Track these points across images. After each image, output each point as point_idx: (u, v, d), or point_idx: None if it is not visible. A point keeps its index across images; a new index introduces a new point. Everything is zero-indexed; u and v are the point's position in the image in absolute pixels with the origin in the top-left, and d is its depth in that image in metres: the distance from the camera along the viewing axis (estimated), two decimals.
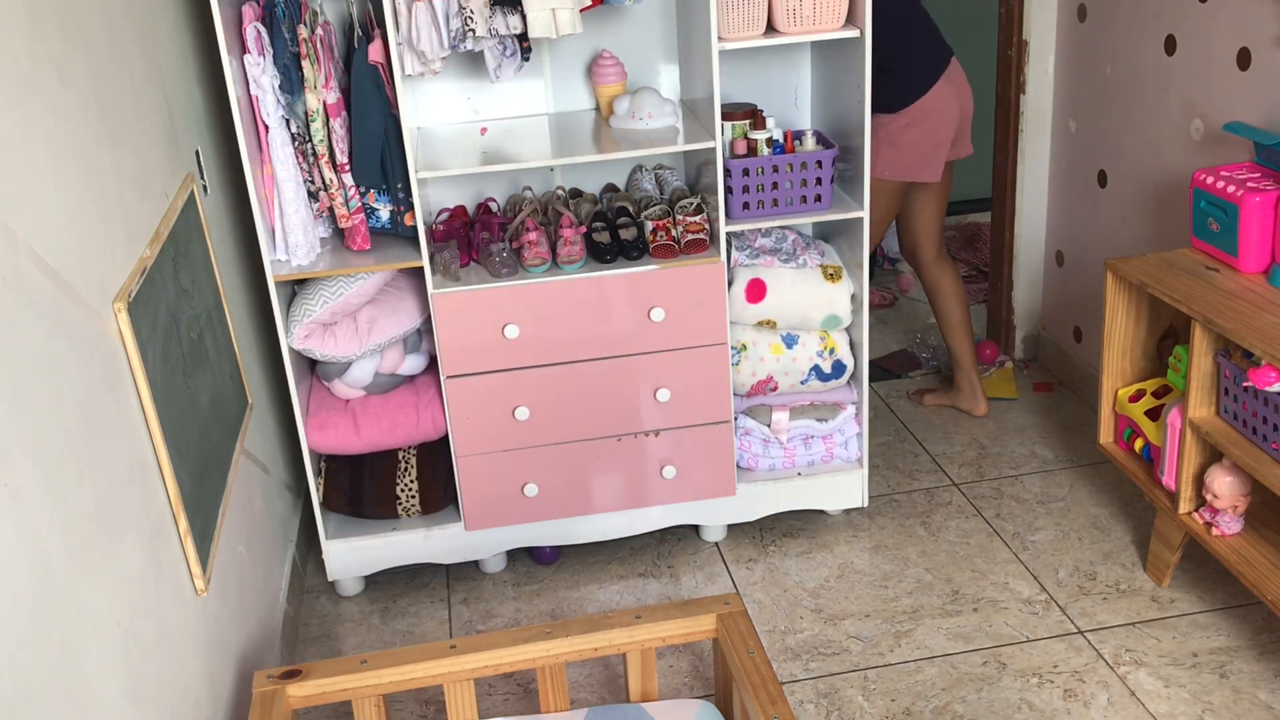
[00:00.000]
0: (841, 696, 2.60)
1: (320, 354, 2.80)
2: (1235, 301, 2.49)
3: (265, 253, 2.68)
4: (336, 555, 2.97)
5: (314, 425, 2.88)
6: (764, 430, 3.08)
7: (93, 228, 1.82)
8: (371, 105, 2.66)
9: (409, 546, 2.99)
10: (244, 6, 2.55)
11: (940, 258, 3.60)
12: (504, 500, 2.96)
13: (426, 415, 2.90)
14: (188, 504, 2.04)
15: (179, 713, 1.92)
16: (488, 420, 2.88)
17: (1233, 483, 2.55)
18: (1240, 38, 2.80)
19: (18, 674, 1.36)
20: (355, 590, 3.06)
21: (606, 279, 2.81)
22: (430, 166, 2.74)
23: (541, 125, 3.06)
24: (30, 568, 1.43)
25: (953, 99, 3.27)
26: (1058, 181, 3.75)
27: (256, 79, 2.54)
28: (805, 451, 3.12)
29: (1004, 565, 3.00)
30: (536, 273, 2.80)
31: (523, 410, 2.86)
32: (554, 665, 2.30)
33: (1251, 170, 2.63)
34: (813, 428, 3.09)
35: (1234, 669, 2.59)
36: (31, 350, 1.52)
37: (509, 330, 2.79)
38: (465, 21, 2.62)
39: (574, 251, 2.81)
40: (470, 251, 2.90)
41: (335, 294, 2.77)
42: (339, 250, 2.82)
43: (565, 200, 3.05)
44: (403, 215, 2.74)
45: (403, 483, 2.97)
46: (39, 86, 1.67)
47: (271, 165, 2.63)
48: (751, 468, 3.12)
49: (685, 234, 2.85)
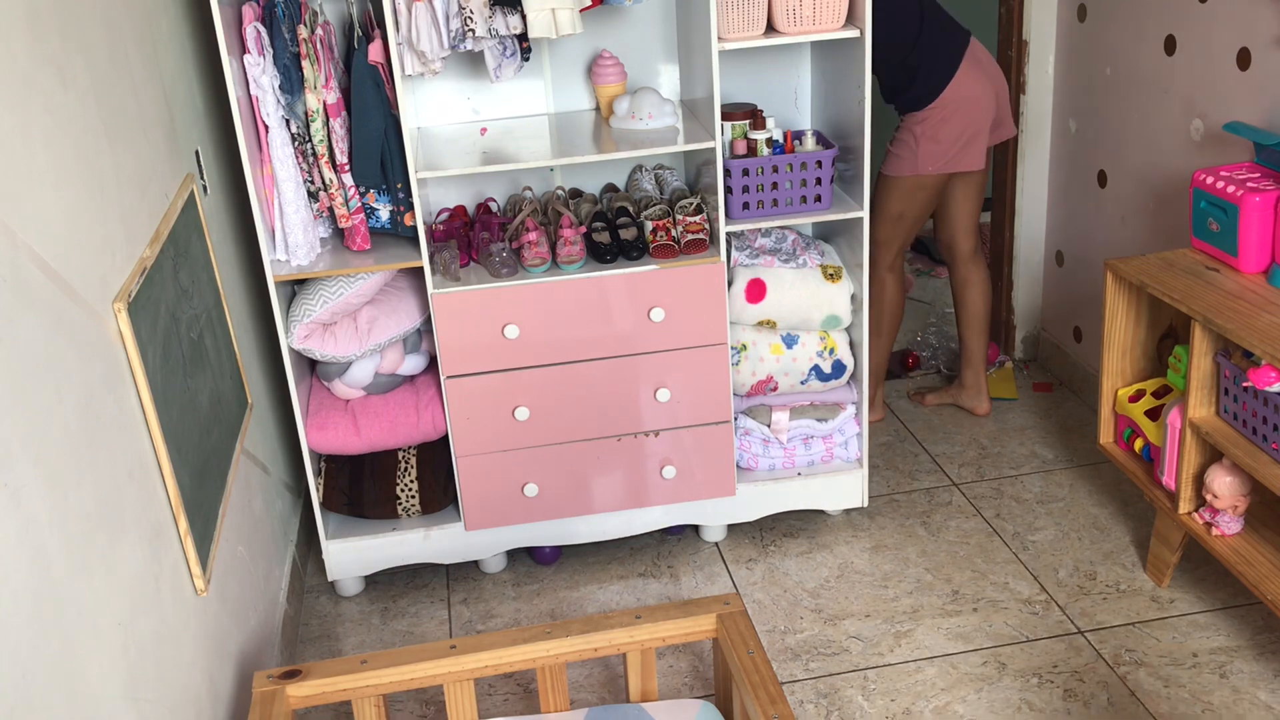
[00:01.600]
0: (841, 696, 2.60)
1: (320, 354, 2.79)
2: (1235, 301, 2.49)
3: (265, 253, 2.67)
4: (336, 555, 2.97)
5: (314, 425, 2.87)
6: (764, 430, 3.08)
7: (93, 228, 1.82)
8: (371, 105, 2.66)
9: (409, 546, 2.99)
10: (244, 6, 2.55)
11: (976, 253, 3.58)
12: (504, 500, 2.96)
13: (427, 415, 2.90)
14: (188, 504, 2.04)
15: (179, 713, 1.92)
16: (488, 420, 2.87)
17: (1233, 483, 2.55)
18: (1240, 38, 2.80)
19: (18, 674, 1.36)
20: (355, 590, 3.06)
21: (606, 279, 2.80)
22: (430, 166, 2.73)
23: (541, 125, 3.06)
24: (30, 567, 1.43)
25: (982, 80, 3.23)
26: (1058, 181, 3.75)
27: (256, 79, 2.54)
28: (805, 451, 3.12)
29: (1004, 565, 3.00)
30: (536, 273, 2.80)
31: (523, 410, 2.86)
32: (554, 665, 2.30)
33: (1251, 170, 2.63)
34: (813, 428, 3.09)
35: (1234, 669, 2.59)
36: (31, 350, 1.52)
37: (509, 330, 2.79)
38: (465, 22, 2.62)
39: (574, 251, 2.80)
40: (470, 251, 2.89)
41: (335, 294, 2.77)
42: (339, 250, 2.82)
43: (565, 200, 3.05)
44: (402, 215, 2.74)
45: (403, 483, 2.97)
46: (39, 86, 1.67)
47: (271, 165, 2.63)
48: (751, 468, 3.12)
49: (685, 234, 2.85)
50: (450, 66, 3.01)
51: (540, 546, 3.08)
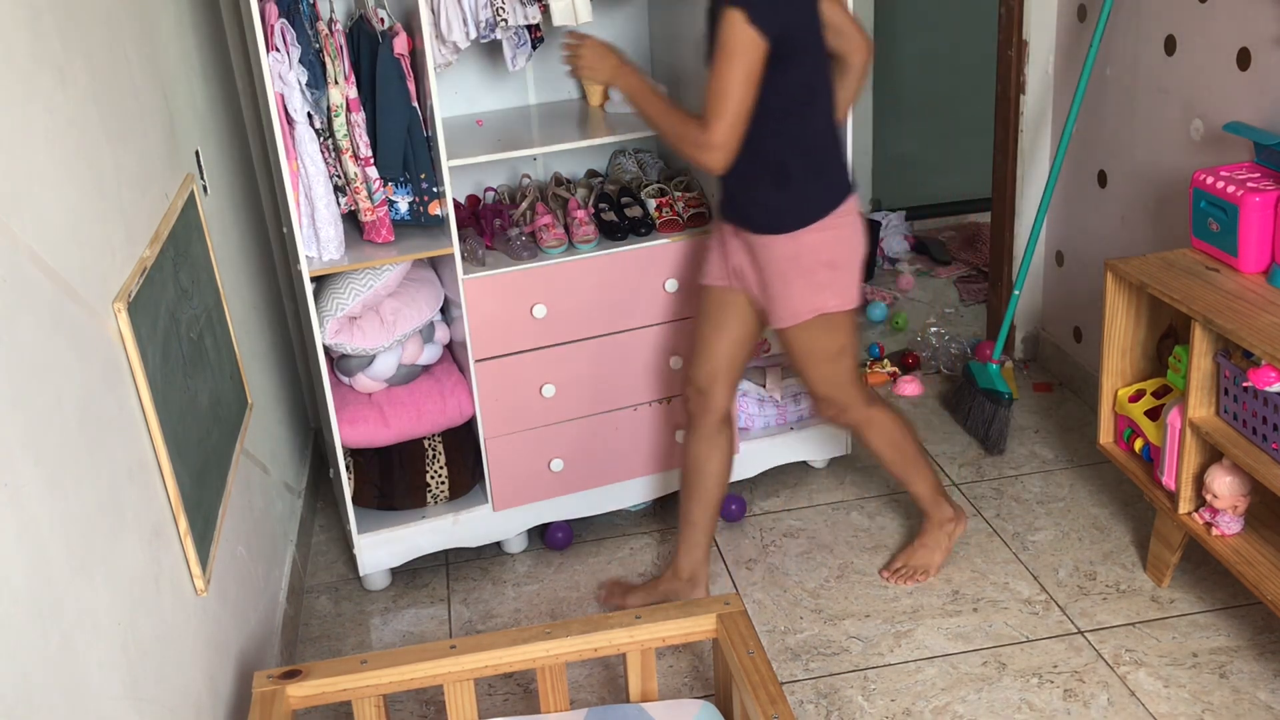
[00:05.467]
0: (841, 696, 2.60)
1: (351, 348, 2.83)
2: (1235, 301, 2.49)
3: (300, 248, 2.68)
4: (368, 550, 2.98)
5: (343, 420, 2.89)
6: (759, 391, 3.26)
7: (93, 228, 1.82)
8: (396, 98, 2.70)
9: (438, 534, 3.04)
10: (265, 5, 2.56)
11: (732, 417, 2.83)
12: (531, 478, 3.04)
13: (453, 401, 2.95)
14: (188, 504, 2.04)
15: (179, 713, 1.92)
16: (515, 400, 2.96)
17: (1233, 483, 2.55)
18: (1240, 38, 2.80)
19: (18, 674, 1.36)
20: (383, 584, 3.08)
21: (623, 254, 2.94)
22: (449, 156, 2.78)
23: (531, 115, 3.19)
24: (30, 568, 1.43)
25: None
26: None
27: (283, 75, 2.55)
28: (795, 408, 3.31)
29: (1004, 565, 3.00)
30: (555, 254, 2.91)
31: (549, 387, 2.96)
32: (554, 665, 2.30)
33: (1251, 170, 2.63)
34: (801, 384, 3.25)
35: (1234, 669, 2.59)
36: (31, 350, 1.52)
37: (537, 310, 2.88)
38: (496, 12, 2.79)
39: (589, 231, 2.94)
40: (485, 238, 2.99)
41: (365, 286, 2.82)
42: (358, 244, 2.85)
43: (566, 185, 3.18)
44: (426, 205, 2.80)
45: (432, 469, 3.01)
46: (39, 86, 1.67)
47: (297, 161, 2.65)
48: (748, 427, 3.28)
49: (687, 209, 3.01)
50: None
51: (553, 532, 3.16)
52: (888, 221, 4.97)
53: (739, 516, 3.23)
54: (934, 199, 5.29)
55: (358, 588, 3.09)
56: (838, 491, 3.36)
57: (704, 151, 2.33)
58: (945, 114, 5.21)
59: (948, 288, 4.66)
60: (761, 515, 3.26)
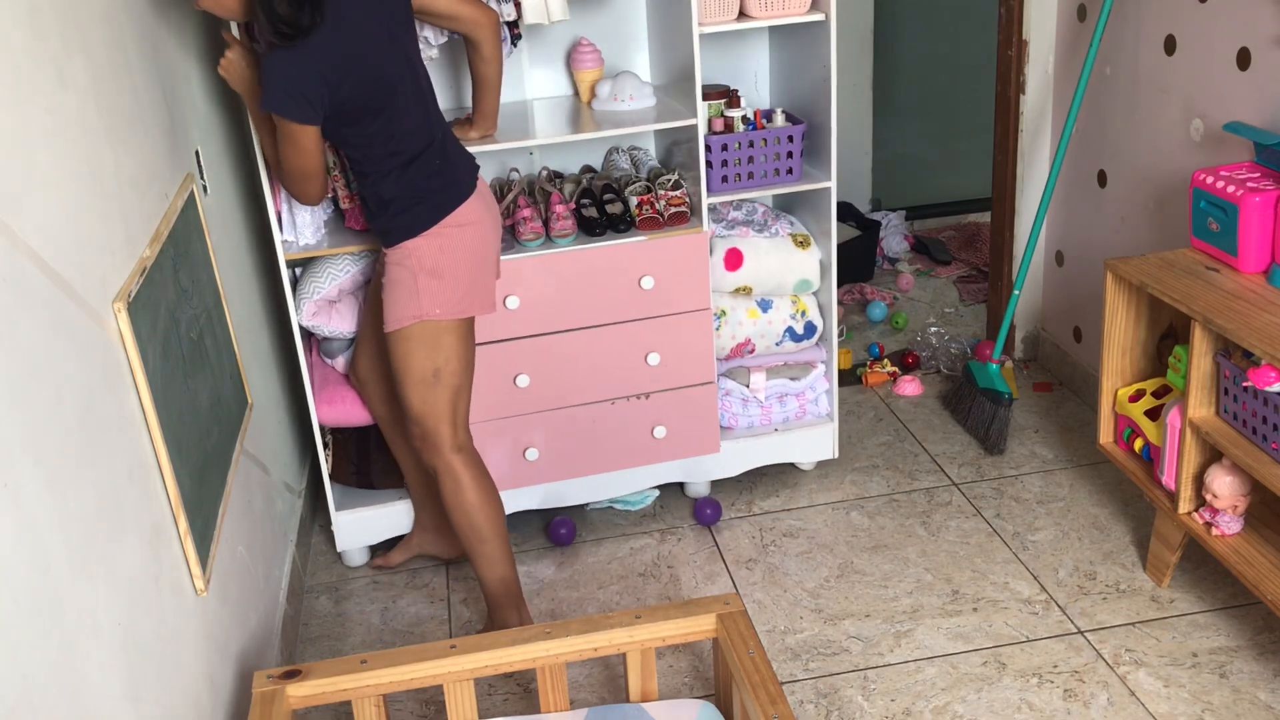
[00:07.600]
0: (841, 696, 2.60)
1: (328, 330, 2.90)
2: (1235, 301, 2.49)
3: (275, 233, 2.74)
4: (345, 527, 3.07)
5: (322, 400, 2.98)
6: (743, 390, 3.28)
7: (93, 228, 1.82)
8: None
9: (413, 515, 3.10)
10: None
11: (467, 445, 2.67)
12: (506, 465, 3.06)
13: None
14: (188, 504, 2.04)
15: (179, 713, 1.92)
16: (490, 388, 2.97)
17: (1232, 483, 2.55)
18: (1240, 38, 2.80)
19: (18, 674, 1.36)
20: (361, 560, 3.16)
21: (599, 250, 2.95)
22: None
23: (524, 110, 3.20)
24: (30, 568, 1.43)
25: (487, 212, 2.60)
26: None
27: None
28: (781, 409, 3.32)
29: (1004, 565, 3.00)
30: (532, 247, 2.93)
31: (523, 378, 2.98)
32: (554, 665, 2.30)
33: (1251, 170, 2.63)
34: (787, 386, 3.29)
35: (1234, 669, 2.59)
36: (31, 350, 1.52)
37: (510, 301, 2.91)
38: None
39: (567, 226, 2.94)
40: None
41: (342, 270, 2.89)
42: (339, 230, 2.92)
43: (553, 179, 3.19)
44: None
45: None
46: (39, 86, 1.67)
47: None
48: (732, 426, 3.31)
49: (669, 207, 3.02)
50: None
51: (555, 527, 3.18)
52: (888, 221, 4.97)
53: (713, 520, 3.23)
54: (934, 199, 5.29)
55: (358, 587, 3.09)
56: (838, 491, 3.36)
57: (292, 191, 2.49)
58: (945, 114, 5.22)
59: (948, 288, 4.66)
60: (761, 515, 3.26)
